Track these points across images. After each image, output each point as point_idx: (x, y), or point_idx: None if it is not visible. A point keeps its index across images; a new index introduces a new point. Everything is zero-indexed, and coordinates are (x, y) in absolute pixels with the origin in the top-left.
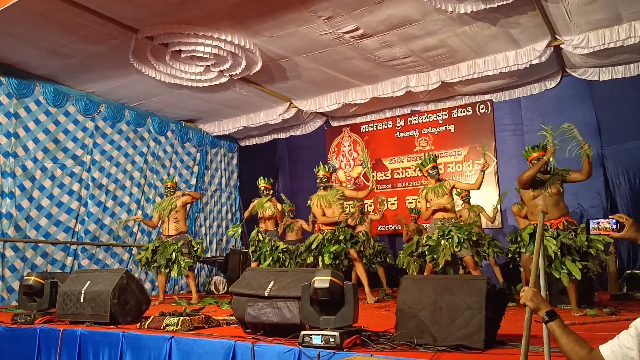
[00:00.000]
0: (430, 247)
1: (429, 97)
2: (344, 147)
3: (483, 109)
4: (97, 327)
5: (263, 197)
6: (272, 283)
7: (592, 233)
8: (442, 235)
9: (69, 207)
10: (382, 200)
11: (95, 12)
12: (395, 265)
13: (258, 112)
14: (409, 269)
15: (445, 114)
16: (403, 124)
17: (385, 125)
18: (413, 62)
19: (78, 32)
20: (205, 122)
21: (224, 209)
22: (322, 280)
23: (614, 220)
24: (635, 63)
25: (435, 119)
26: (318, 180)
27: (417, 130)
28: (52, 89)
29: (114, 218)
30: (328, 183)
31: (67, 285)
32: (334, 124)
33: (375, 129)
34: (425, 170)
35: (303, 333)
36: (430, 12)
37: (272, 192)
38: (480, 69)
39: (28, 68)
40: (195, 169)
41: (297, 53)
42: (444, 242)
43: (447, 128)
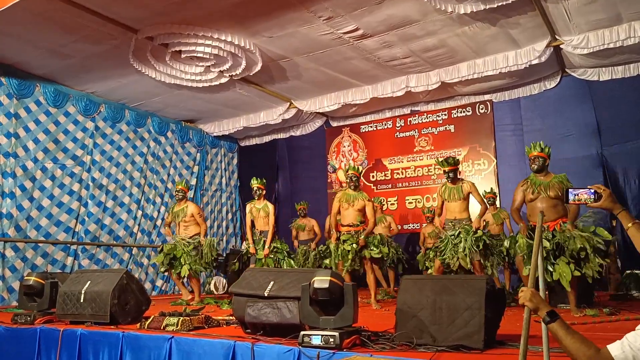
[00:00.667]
0: (439, 248)
1: (429, 97)
2: (344, 147)
3: (483, 109)
4: (97, 327)
5: (255, 197)
6: (271, 283)
7: (570, 202)
8: (452, 236)
9: (69, 207)
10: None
11: (95, 12)
12: (408, 267)
13: (258, 112)
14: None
15: (445, 114)
16: (403, 124)
17: (385, 126)
18: (413, 62)
19: (78, 32)
20: (206, 122)
21: (224, 209)
22: (321, 281)
23: (592, 191)
24: (635, 63)
25: (435, 119)
26: (348, 180)
27: (417, 131)
28: (52, 89)
29: (114, 218)
30: (358, 183)
31: (67, 286)
32: (334, 124)
33: (375, 129)
34: (443, 171)
35: (303, 333)
36: (430, 12)
37: (264, 192)
38: (480, 69)
39: (28, 68)
40: (196, 169)
41: (297, 53)
42: (451, 247)
43: (446, 128)
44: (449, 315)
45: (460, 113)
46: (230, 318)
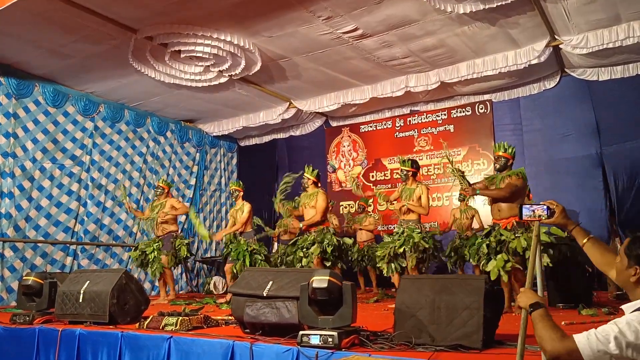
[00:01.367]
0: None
1: (428, 97)
2: (344, 147)
3: (482, 109)
4: (96, 327)
5: (233, 199)
6: (270, 283)
7: (524, 218)
8: (396, 234)
9: (68, 207)
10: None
11: (95, 12)
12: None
13: (257, 112)
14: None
15: (445, 114)
16: (402, 124)
17: (385, 125)
18: (412, 62)
19: (78, 32)
20: (205, 122)
21: (224, 209)
22: (320, 280)
23: (546, 207)
24: (634, 63)
25: (435, 119)
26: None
27: (416, 131)
28: (51, 89)
29: (113, 218)
30: (307, 184)
31: (66, 285)
32: (334, 124)
33: (375, 129)
34: (400, 169)
35: (301, 333)
36: (430, 12)
37: (242, 194)
38: (480, 69)
39: (27, 68)
40: (195, 169)
41: (296, 53)
42: (391, 244)
43: (446, 128)
44: (448, 315)
45: (460, 113)
46: (229, 318)
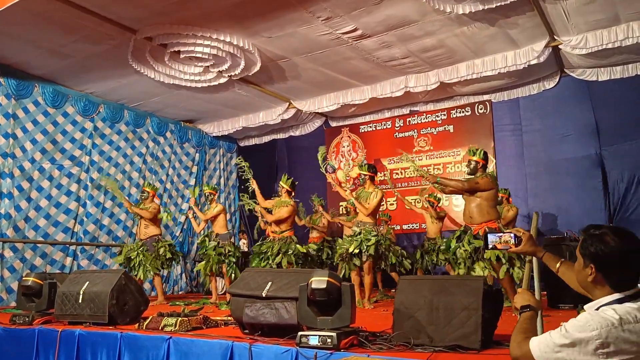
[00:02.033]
0: (344, 249)
1: (428, 97)
2: (343, 147)
3: (482, 109)
4: (95, 327)
5: (208, 202)
6: (269, 284)
7: (489, 247)
8: (352, 236)
9: (68, 207)
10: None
11: (94, 12)
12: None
13: (257, 112)
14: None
15: (444, 114)
16: (402, 124)
17: (384, 126)
18: (412, 62)
19: (77, 32)
20: (205, 122)
21: None
22: (319, 281)
23: (513, 234)
24: (634, 63)
25: (434, 119)
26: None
27: (416, 131)
28: (51, 90)
29: (113, 218)
30: (282, 193)
31: (65, 286)
32: (333, 124)
33: (374, 129)
34: (359, 173)
35: (300, 334)
36: (429, 12)
37: (215, 196)
38: (479, 70)
39: (27, 68)
40: (194, 170)
41: (296, 53)
42: (349, 245)
43: (445, 128)
44: (446, 316)
45: (459, 113)
46: (229, 319)
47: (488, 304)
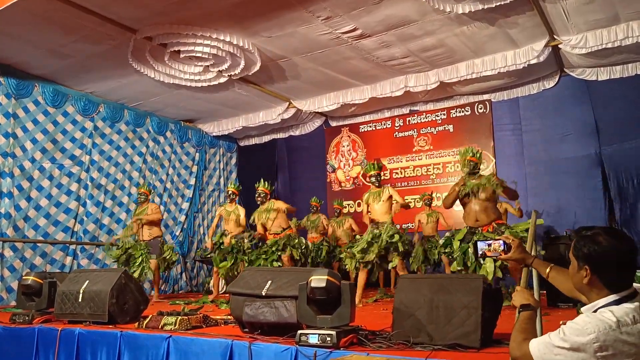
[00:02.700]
0: (363, 249)
1: (428, 97)
2: (343, 147)
3: (482, 109)
4: (95, 326)
5: (228, 202)
6: (269, 282)
7: (479, 255)
8: (372, 239)
9: (68, 207)
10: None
11: (94, 12)
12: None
13: (257, 112)
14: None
15: (444, 114)
16: (402, 124)
17: (384, 125)
18: (412, 62)
19: (77, 32)
20: (205, 122)
21: None
22: (318, 280)
23: (502, 241)
24: (633, 63)
25: (434, 119)
26: (257, 195)
27: (415, 130)
28: (51, 89)
29: (113, 218)
30: (266, 198)
31: (65, 285)
32: (333, 124)
33: (374, 129)
34: (368, 177)
35: (300, 332)
36: (429, 12)
37: (237, 197)
38: (479, 69)
39: (27, 68)
40: (194, 169)
41: (295, 53)
42: (375, 245)
43: (445, 128)
44: (446, 315)
45: (459, 113)
46: (228, 317)
47: (488, 303)
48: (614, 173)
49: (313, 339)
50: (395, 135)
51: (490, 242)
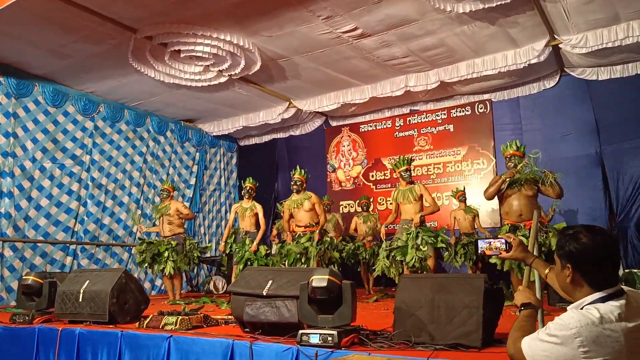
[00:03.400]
0: (400, 247)
1: (428, 96)
2: (343, 146)
3: (482, 109)
4: (95, 326)
5: (245, 198)
6: (270, 282)
7: (480, 253)
8: (409, 237)
9: (68, 206)
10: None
11: (94, 12)
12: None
13: (257, 111)
14: (390, 274)
15: (444, 114)
16: (402, 124)
17: (385, 125)
18: (412, 61)
19: (77, 32)
20: (205, 121)
21: (223, 209)
22: (320, 279)
23: (504, 240)
24: (634, 62)
25: (434, 119)
26: (292, 183)
27: (416, 130)
28: (51, 89)
29: (113, 218)
30: (302, 187)
31: (65, 285)
32: (333, 124)
33: (375, 129)
34: (398, 172)
35: (301, 332)
36: (429, 11)
37: (255, 193)
38: (479, 69)
39: (27, 68)
40: (195, 169)
41: (296, 53)
42: (412, 242)
43: (446, 128)
44: (447, 314)
45: (460, 112)
46: (229, 317)
47: (489, 303)
48: (615, 173)
49: (314, 339)
50: (396, 135)
51: (491, 240)
